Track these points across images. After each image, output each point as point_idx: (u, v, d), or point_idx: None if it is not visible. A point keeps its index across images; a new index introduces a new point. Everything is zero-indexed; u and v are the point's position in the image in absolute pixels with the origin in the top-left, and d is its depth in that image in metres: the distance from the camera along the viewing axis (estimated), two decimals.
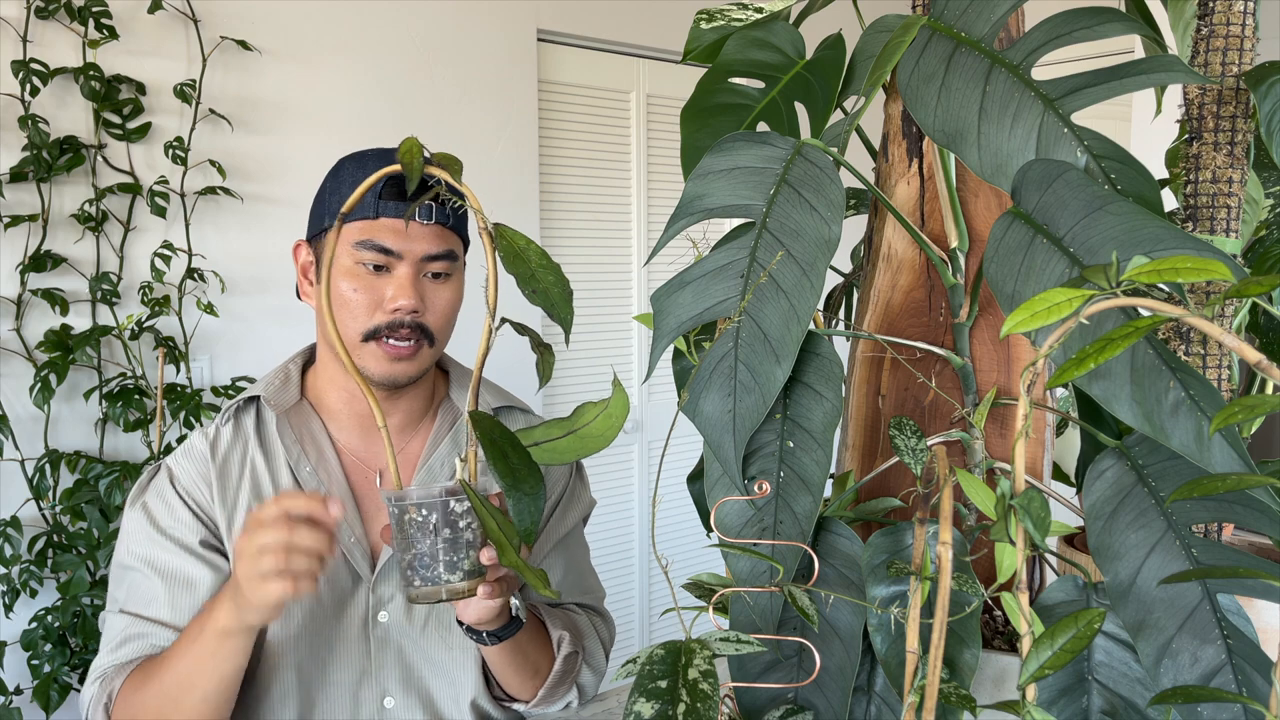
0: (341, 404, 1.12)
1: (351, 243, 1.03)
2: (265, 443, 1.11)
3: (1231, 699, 0.54)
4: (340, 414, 1.12)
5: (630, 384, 3.07)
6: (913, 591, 0.66)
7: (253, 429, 1.11)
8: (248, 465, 1.10)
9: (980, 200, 0.89)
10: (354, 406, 1.12)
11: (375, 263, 1.03)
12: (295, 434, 1.11)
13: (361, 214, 1.02)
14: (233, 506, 1.08)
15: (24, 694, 2.00)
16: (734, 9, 1.05)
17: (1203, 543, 0.66)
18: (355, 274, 1.03)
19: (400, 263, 1.03)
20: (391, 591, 1.08)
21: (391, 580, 1.08)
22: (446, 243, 1.05)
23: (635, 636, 3.11)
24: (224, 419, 1.12)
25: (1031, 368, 0.57)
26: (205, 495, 1.09)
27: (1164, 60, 0.71)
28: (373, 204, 1.02)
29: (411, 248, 1.03)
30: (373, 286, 1.03)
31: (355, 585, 1.08)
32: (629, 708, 0.63)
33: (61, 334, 1.99)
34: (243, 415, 1.12)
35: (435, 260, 1.04)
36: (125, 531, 1.09)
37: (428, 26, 2.50)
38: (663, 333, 0.78)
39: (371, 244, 1.02)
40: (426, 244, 1.03)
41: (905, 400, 0.91)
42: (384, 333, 1.03)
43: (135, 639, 1.04)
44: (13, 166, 1.95)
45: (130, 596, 1.07)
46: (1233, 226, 0.88)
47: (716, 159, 0.80)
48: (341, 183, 1.06)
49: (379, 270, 1.03)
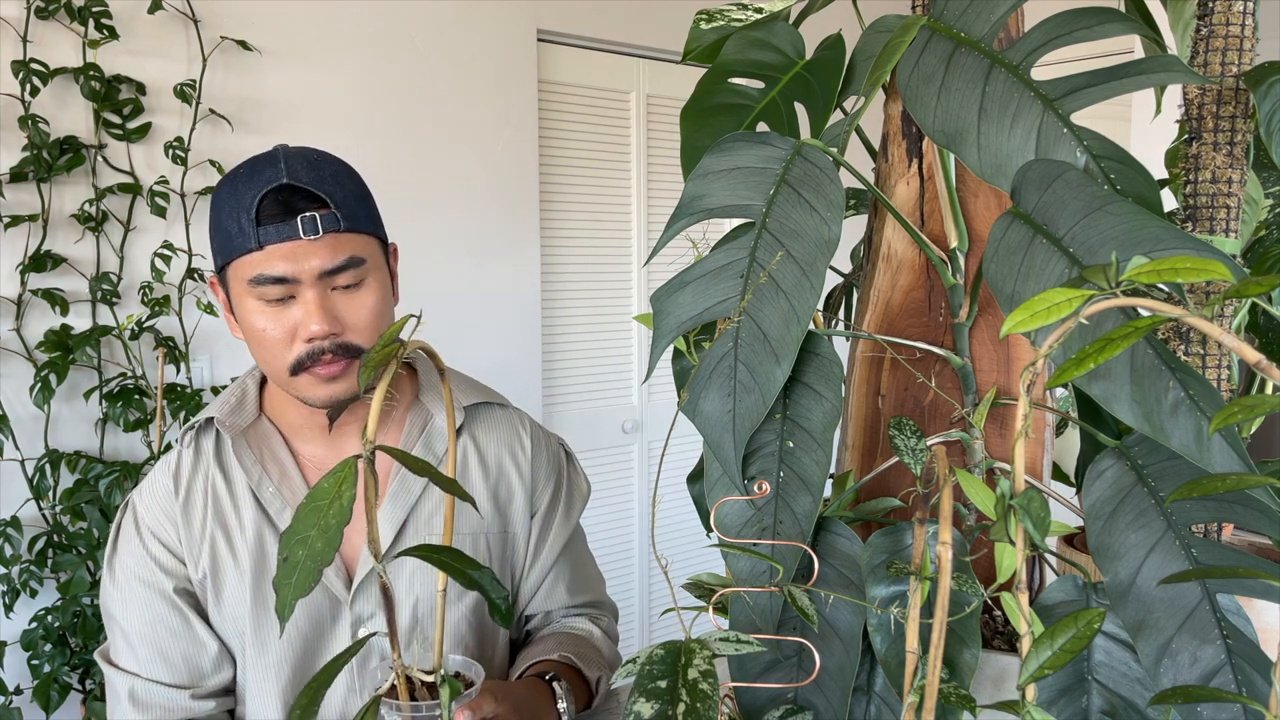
0: (302, 418, 1.07)
1: (246, 281, 0.96)
2: (225, 466, 1.07)
3: (1231, 699, 0.54)
4: (302, 428, 1.08)
5: (630, 384, 3.07)
6: (912, 591, 0.66)
7: (212, 452, 1.07)
8: (209, 492, 1.06)
9: (980, 200, 0.89)
10: (315, 419, 1.07)
11: (276, 296, 0.96)
12: (255, 454, 1.07)
13: (245, 247, 0.95)
14: (199, 540, 1.05)
15: (24, 694, 2.00)
16: (734, 9, 1.05)
17: (1203, 543, 0.66)
18: (261, 311, 0.97)
19: (300, 286, 0.96)
20: (371, 608, 1.05)
21: (370, 595, 1.05)
22: (344, 250, 0.97)
23: (635, 636, 3.11)
24: (185, 443, 1.08)
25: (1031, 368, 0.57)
26: (171, 533, 1.05)
27: (1164, 60, 0.71)
28: (253, 234, 0.95)
29: (305, 267, 0.95)
30: (282, 319, 0.97)
31: (334, 608, 1.05)
32: (629, 708, 0.63)
33: (61, 334, 1.99)
34: (202, 438, 1.08)
35: (337, 273, 0.97)
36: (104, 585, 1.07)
37: (427, 26, 2.50)
38: (663, 333, 0.78)
39: (263, 278, 0.95)
40: (321, 259, 0.95)
41: (905, 400, 0.91)
42: (307, 363, 0.98)
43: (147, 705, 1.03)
44: (13, 166, 1.95)
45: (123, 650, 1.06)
46: (1232, 226, 0.88)
47: (716, 159, 0.80)
48: (221, 216, 0.98)
49: (283, 300, 0.97)
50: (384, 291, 1.03)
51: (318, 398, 1.00)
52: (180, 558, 1.05)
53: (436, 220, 2.54)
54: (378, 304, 1.01)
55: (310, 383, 0.99)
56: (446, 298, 2.55)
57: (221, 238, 0.98)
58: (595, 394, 2.98)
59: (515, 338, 2.72)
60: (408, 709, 0.76)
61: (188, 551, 1.05)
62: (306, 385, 0.99)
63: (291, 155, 0.99)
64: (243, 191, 0.96)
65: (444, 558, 0.70)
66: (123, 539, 1.07)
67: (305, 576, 0.65)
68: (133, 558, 1.06)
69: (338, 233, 0.97)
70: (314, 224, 0.95)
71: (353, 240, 0.98)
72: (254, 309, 0.97)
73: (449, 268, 2.55)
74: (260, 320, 0.97)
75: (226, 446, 1.07)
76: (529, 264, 2.71)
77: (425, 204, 2.53)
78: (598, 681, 1.10)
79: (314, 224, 0.95)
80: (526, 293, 2.72)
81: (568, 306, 2.89)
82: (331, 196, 0.97)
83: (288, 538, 0.66)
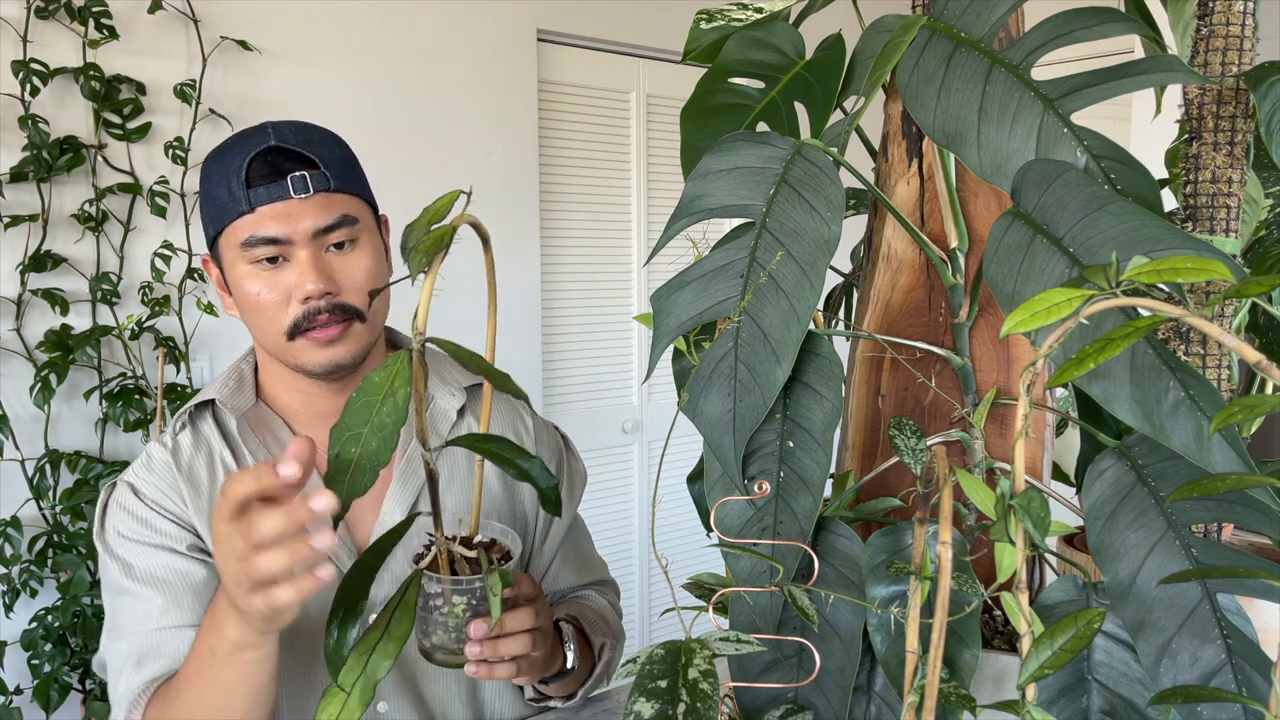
0: (298, 403, 1.05)
1: (238, 244, 0.95)
2: (233, 444, 1.04)
3: (1231, 699, 0.54)
4: (299, 413, 1.06)
5: (630, 384, 3.07)
6: (913, 591, 0.66)
7: (215, 433, 1.04)
8: (217, 467, 1.03)
9: (980, 200, 0.89)
10: (312, 404, 1.05)
11: (268, 256, 0.95)
12: (259, 438, 1.04)
13: (236, 211, 0.94)
14: (209, 511, 1.01)
15: (24, 694, 2.00)
16: (734, 9, 1.05)
17: (1203, 543, 0.66)
18: (255, 275, 0.96)
19: (293, 247, 0.95)
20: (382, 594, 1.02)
21: (382, 582, 1.02)
22: (336, 209, 0.96)
23: (635, 636, 3.10)
24: (178, 427, 1.05)
25: (1031, 368, 0.57)
26: (178, 504, 1.01)
27: (1164, 60, 0.71)
28: (243, 196, 0.94)
29: (298, 228, 0.94)
30: (276, 281, 0.95)
31: None
32: (629, 707, 0.63)
33: (61, 334, 1.99)
34: (199, 422, 1.05)
35: (330, 231, 0.96)
36: (103, 564, 1.01)
37: (427, 26, 2.50)
38: (663, 333, 0.78)
39: (255, 239, 0.94)
40: (313, 218, 0.94)
41: (905, 400, 0.91)
42: (304, 325, 0.96)
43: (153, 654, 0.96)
44: (13, 166, 1.95)
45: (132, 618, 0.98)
46: (1232, 226, 0.88)
47: (716, 159, 0.80)
48: (211, 185, 0.97)
49: (276, 262, 0.95)
50: (378, 254, 1.01)
51: (317, 363, 0.98)
52: (189, 526, 1.01)
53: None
54: (372, 265, 0.99)
55: (308, 347, 0.97)
56: (446, 297, 2.54)
57: (212, 206, 0.97)
58: (595, 394, 2.98)
59: (515, 337, 2.72)
60: (448, 582, 0.77)
61: (199, 520, 1.00)
62: (304, 350, 0.97)
63: (279, 123, 0.99)
64: (231, 157, 0.95)
65: (493, 448, 0.70)
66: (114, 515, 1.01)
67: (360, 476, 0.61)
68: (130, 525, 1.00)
69: (328, 192, 0.96)
70: (304, 183, 0.94)
71: (344, 200, 0.97)
72: (247, 274, 0.96)
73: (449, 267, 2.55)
74: (254, 285, 0.96)
75: (231, 426, 1.04)
76: (529, 264, 2.71)
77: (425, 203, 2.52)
78: (601, 647, 1.10)
79: (304, 183, 0.94)
80: (527, 292, 2.72)
81: (568, 306, 2.89)
82: (320, 157, 0.96)
83: (337, 432, 0.62)
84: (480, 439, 0.71)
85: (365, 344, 1.01)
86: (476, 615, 0.79)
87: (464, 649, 0.80)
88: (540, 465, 0.71)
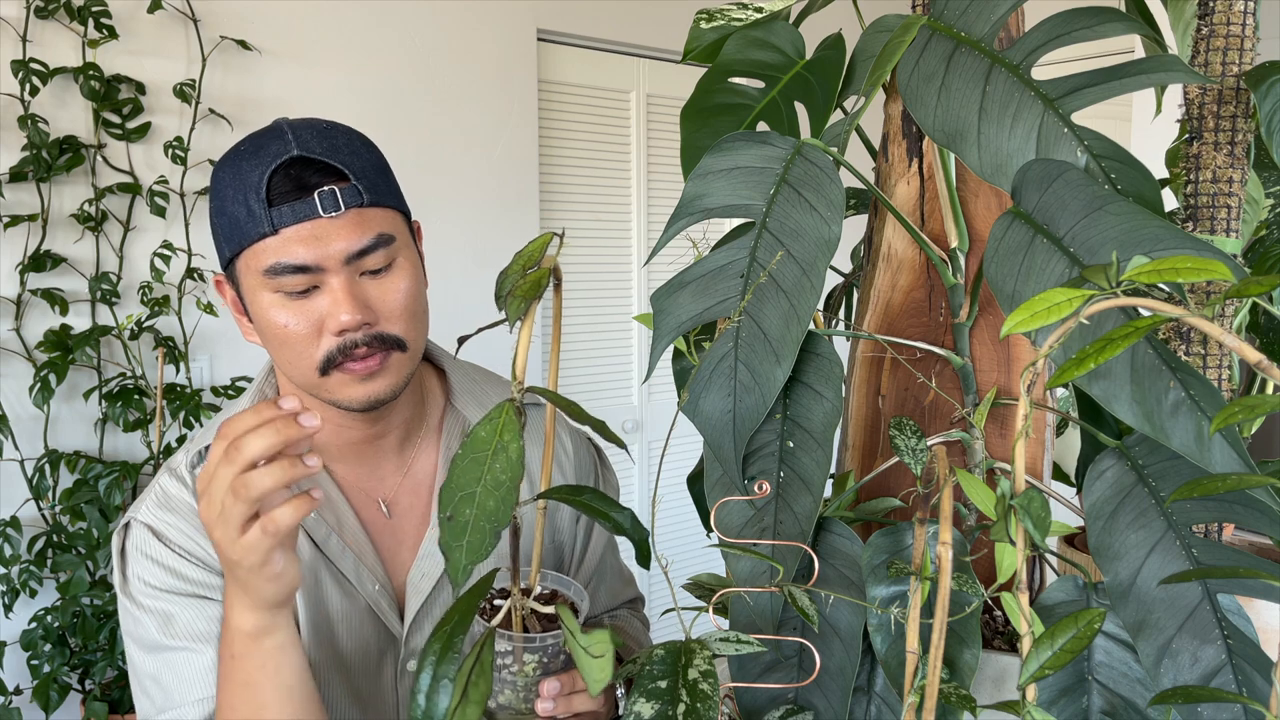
0: (328, 435, 0.95)
1: (260, 271, 0.83)
2: None
3: (1231, 699, 0.54)
4: (329, 445, 0.96)
5: (630, 384, 3.07)
6: (913, 591, 0.66)
7: None
8: None
9: (980, 200, 0.89)
10: (343, 434, 0.95)
11: (298, 288, 0.83)
12: None
13: (258, 232, 0.82)
14: None
15: (24, 694, 2.00)
16: (734, 9, 1.05)
17: (1203, 543, 0.66)
18: (282, 305, 0.84)
19: (325, 274, 0.83)
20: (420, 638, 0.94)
21: (423, 629, 0.94)
22: (371, 227, 0.84)
23: None
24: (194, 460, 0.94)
25: (1031, 368, 0.57)
26: (205, 547, 0.90)
27: (1164, 60, 0.71)
28: (264, 216, 0.82)
29: (329, 251, 0.82)
30: (306, 311, 0.84)
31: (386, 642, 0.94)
32: (629, 708, 0.63)
33: (61, 334, 1.99)
34: None
35: (365, 255, 0.84)
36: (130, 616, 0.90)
37: (427, 26, 2.50)
38: (663, 333, 0.78)
39: (282, 266, 0.82)
40: (346, 240, 0.83)
41: (905, 400, 0.91)
42: (338, 359, 0.85)
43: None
44: (13, 166, 1.95)
45: (180, 679, 0.86)
46: (1233, 226, 0.88)
47: (716, 159, 0.80)
48: (225, 200, 0.85)
49: (306, 293, 0.84)
50: (416, 272, 0.90)
51: (354, 399, 0.87)
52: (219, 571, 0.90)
53: (437, 220, 2.54)
54: (411, 286, 0.88)
55: (344, 382, 0.86)
56: (447, 297, 2.55)
57: (228, 224, 0.85)
58: (595, 394, 2.98)
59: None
60: (519, 639, 0.75)
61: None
62: (340, 386, 0.86)
63: (298, 125, 0.86)
64: (248, 170, 0.83)
65: (586, 500, 0.69)
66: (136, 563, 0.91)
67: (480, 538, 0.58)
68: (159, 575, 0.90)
69: (361, 208, 0.84)
70: (334, 199, 0.82)
71: (379, 216, 0.85)
72: (273, 303, 0.84)
73: (449, 267, 2.55)
74: (280, 315, 0.84)
75: None
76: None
77: (425, 203, 2.52)
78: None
79: (334, 199, 0.82)
80: None
81: (568, 306, 2.89)
82: (349, 167, 0.84)
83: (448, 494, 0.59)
84: (572, 490, 0.69)
85: (406, 375, 0.90)
86: (548, 673, 0.75)
87: (532, 708, 0.75)
88: (631, 516, 0.69)
